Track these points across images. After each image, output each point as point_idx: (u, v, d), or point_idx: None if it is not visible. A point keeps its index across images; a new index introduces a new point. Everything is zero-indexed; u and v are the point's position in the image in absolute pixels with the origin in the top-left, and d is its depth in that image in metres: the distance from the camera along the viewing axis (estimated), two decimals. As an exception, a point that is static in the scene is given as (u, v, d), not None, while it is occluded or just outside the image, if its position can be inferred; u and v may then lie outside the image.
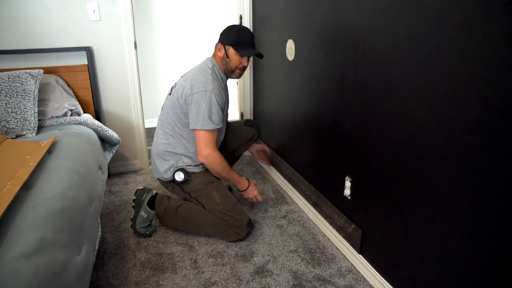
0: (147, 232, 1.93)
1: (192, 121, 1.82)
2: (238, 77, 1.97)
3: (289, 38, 2.17)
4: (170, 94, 1.95)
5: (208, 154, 1.83)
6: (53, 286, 0.98)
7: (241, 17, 2.77)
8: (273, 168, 2.66)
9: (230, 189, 2.30)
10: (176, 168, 1.90)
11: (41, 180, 1.38)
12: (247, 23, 2.74)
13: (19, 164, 1.48)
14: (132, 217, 1.95)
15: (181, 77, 1.95)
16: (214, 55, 1.95)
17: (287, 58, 2.22)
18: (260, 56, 1.95)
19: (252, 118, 3.03)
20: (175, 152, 1.92)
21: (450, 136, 1.13)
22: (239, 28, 1.89)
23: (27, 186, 1.33)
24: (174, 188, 1.97)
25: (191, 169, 1.92)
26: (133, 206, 1.96)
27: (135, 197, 1.96)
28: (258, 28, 2.69)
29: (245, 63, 1.90)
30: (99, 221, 1.62)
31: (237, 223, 1.85)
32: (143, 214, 1.93)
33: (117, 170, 2.72)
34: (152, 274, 1.67)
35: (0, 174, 1.38)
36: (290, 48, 2.17)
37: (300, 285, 1.60)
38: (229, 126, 2.23)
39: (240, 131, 2.26)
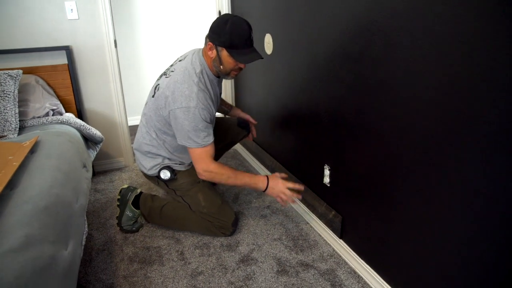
0: (133, 229, 1.97)
1: (178, 137, 1.71)
2: (234, 77, 1.78)
3: (267, 33, 2.21)
4: (153, 96, 1.77)
5: (204, 170, 1.71)
6: (41, 280, 1.01)
7: (219, 13, 2.79)
8: (256, 161, 2.71)
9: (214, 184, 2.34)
10: (162, 166, 1.85)
11: (24, 179, 1.41)
12: (226, 18, 2.77)
13: (2, 165, 1.49)
14: (118, 215, 1.97)
15: (165, 76, 1.75)
16: (205, 52, 1.71)
17: (265, 52, 2.27)
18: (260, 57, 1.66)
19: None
20: (158, 154, 1.85)
21: (428, 124, 1.20)
22: (232, 24, 1.57)
23: (11, 185, 1.35)
24: (159, 183, 1.94)
25: (177, 168, 1.87)
26: (118, 205, 1.97)
27: (119, 197, 1.98)
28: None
29: (242, 66, 1.68)
30: (85, 218, 1.64)
31: (222, 224, 1.86)
32: (128, 213, 1.95)
33: (102, 168, 2.73)
34: (140, 267, 1.71)
35: (-16, 175, 1.40)
36: (268, 42, 2.22)
37: (284, 270, 1.67)
38: (222, 123, 2.17)
39: (232, 130, 2.21)
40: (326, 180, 1.81)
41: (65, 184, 1.51)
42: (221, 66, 1.68)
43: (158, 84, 1.76)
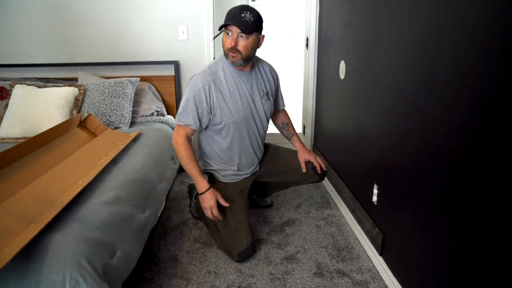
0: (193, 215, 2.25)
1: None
2: (235, 61, 1.71)
3: (342, 59, 2.41)
4: None
5: (174, 138, 1.81)
6: (120, 228, 1.38)
7: (307, 39, 3.08)
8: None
9: (271, 204, 2.50)
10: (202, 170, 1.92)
11: (125, 158, 1.86)
12: (313, 44, 3.03)
13: (112, 147, 1.97)
14: (189, 204, 2.31)
15: None
16: None
17: (339, 77, 2.47)
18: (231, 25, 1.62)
19: (313, 131, 3.27)
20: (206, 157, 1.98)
21: (475, 146, 1.29)
22: (233, 7, 1.67)
23: (115, 161, 1.81)
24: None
25: (217, 174, 1.96)
26: (188, 196, 2.30)
27: (188, 189, 2.30)
28: (321, 49, 2.97)
29: (227, 43, 1.66)
30: (164, 198, 2.04)
31: (229, 249, 1.88)
32: (193, 204, 2.22)
33: (190, 165, 3.20)
34: (201, 247, 2.03)
35: (99, 152, 1.89)
36: (342, 68, 2.41)
37: (320, 274, 1.82)
38: (292, 157, 2.09)
39: (301, 174, 2.07)
40: (374, 198, 1.92)
41: (152, 168, 1.93)
42: (222, 48, 1.72)
43: None
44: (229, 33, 1.66)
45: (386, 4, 1.74)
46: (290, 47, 4.18)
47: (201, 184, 1.80)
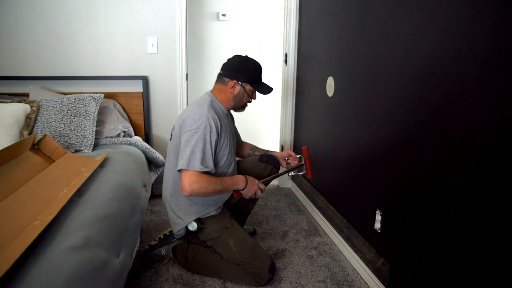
0: (149, 262, 1.92)
1: (179, 160, 1.62)
2: (243, 109, 1.92)
3: (329, 75, 2.27)
4: (171, 139, 1.81)
5: (193, 182, 1.60)
6: (93, 279, 1.08)
7: (286, 55, 2.93)
8: (308, 201, 2.69)
9: (254, 231, 2.28)
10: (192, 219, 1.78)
11: (91, 189, 1.55)
12: (292, 60, 2.89)
13: (75, 174, 1.65)
14: (153, 243, 1.94)
15: (179, 117, 1.80)
16: (217, 91, 1.83)
17: (327, 94, 2.32)
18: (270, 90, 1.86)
19: (291, 150, 3.09)
20: (186, 210, 1.78)
21: (480, 171, 1.14)
22: (252, 62, 1.82)
23: (80, 193, 1.49)
24: (190, 237, 1.86)
25: (203, 213, 1.78)
26: (160, 238, 1.95)
27: (167, 233, 1.96)
28: (301, 65, 2.83)
29: (250, 99, 1.88)
30: (139, 233, 1.74)
31: (257, 270, 1.72)
32: (163, 251, 1.93)
33: (159, 192, 2.86)
34: (182, 290, 1.74)
35: (59, 181, 1.56)
36: (330, 85, 2.27)
37: (324, 315, 1.60)
38: (243, 163, 2.07)
39: (255, 168, 2.04)
40: (377, 225, 1.75)
41: (124, 199, 1.63)
42: (243, 99, 1.84)
43: (174, 125, 1.81)
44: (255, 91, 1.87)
45: (381, 13, 1.61)
46: (262, 64, 4.02)
47: (239, 178, 1.76)
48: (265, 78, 4.07)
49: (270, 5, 3.95)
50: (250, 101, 1.89)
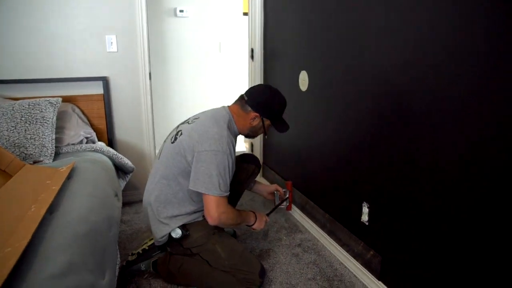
0: (128, 277, 1.81)
1: (195, 182, 1.57)
2: (253, 138, 1.98)
3: (302, 70, 2.23)
4: (173, 142, 1.69)
5: (222, 212, 1.58)
6: (83, 309, 0.96)
7: (252, 50, 2.86)
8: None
9: (234, 234, 2.21)
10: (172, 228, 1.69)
11: (63, 204, 1.39)
12: (258, 55, 2.82)
13: (40, 188, 1.48)
14: (131, 259, 1.82)
15: (188, 123, 1.72)
16: (235, 113, 1.74)
17: (299, 89, 2.28)
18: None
19: (261, 150, 3.05)
20: (173, 216, 1.68)
21: (474, 158, 1.15)
22: (280, 102, 1.75)
23: (50, 209, 1.33)
24: (172, 246, 1.74)
25: (188, 220, 1.70)
26: (139, 253, 1.83)
27: (147, 247, 1.85)
28: (268, 60, 2.77)
29: (265, 131, 1.82)
30: (117, 248, 1.60)
31: (248, 276, 1.64)
32: (142, 266, 1.82)
33: (127, 200, 2.70)
34: (168, 303, 1.63)
35: (24, 197, 1.39)
36: (303, 79, 2.23)
37: (321, 314, 1.57)
38: None
39: (237, 169, 1.91)
40: (364, 218, 1.74)
41: (100, 212, 1.49)
42: (258, 132, 1.81)
43: (180, 130, 1.71)
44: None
45: (356, 2, 1.60)
46: (222, 61, 3.93)
47: (250, 214, 1.82)
48: (225, 75, 4.03)
49: (228, 1, 3.85)
50: (265, 135, 1.85)
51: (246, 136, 1.86)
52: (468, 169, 1.18)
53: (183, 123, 1.78)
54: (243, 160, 2.02)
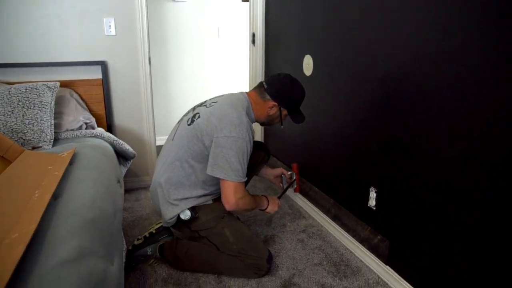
0: (133, 264, 1.76)
1: (214, 166, 1.56)
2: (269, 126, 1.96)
3: (307, 54, 2.19)
4: (190, 124, 1.66)
5: (239, 198, 1.58)
6: (95, 295, 0.93)
7: (254, 35, 2.80)
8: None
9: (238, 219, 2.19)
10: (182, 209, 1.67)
11: (67, 189, 1.35)
12: (260, 40, 2.77)
13: (42, 174, 1.44)
14: (138, 243, 1.78)
15: (205, 106, 1.69)
16: (253, 100, 1.72)
17: (304, 74, 2.24)
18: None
19: (262, 136, 3.02)
20: (184, 198, 1.66)
21: (481, 145, 1.13)
22: (300, 93, 1.75)
23: (55, 195, 1.29)
24: (179, 227, 1.72)
25: (198, 202, 1.68)
26: (146, 236, 1.81)
27: (154, 231, 1.83)
28: (271, 44, 2.72)
29: (280, 121, 1.82)
30: (123, 234, 1.57)
31: (256, 261, 1.64)
32: (149, 250, 1.78)
33: (127, 187, 2.65)
34: (175, 290, 1.61)
35: (26, 183, 1.35)
36: (308, 64, 2.19)
37: (329, 298, 1.56)
38: None
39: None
40: (372, 203, 1.73)
41: (105, 197, 1.45)
42: (274, 121, 1.81)
43: (198, 113, 1.67)
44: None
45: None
46: (221, 47, 3.86)
47: (263, 199, 1.82)
48: (224, 61, 3.95)
49: (226, -16, 3.76)
50: (281, 124, 1.82)
51: (262, 124, 1.85)
52: (476, 152, 1.16)
53: (200, 105, 1.76)
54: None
